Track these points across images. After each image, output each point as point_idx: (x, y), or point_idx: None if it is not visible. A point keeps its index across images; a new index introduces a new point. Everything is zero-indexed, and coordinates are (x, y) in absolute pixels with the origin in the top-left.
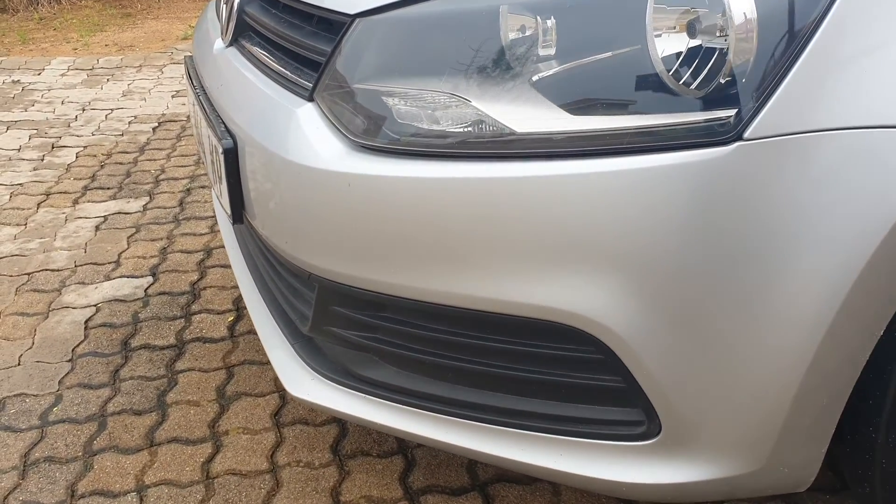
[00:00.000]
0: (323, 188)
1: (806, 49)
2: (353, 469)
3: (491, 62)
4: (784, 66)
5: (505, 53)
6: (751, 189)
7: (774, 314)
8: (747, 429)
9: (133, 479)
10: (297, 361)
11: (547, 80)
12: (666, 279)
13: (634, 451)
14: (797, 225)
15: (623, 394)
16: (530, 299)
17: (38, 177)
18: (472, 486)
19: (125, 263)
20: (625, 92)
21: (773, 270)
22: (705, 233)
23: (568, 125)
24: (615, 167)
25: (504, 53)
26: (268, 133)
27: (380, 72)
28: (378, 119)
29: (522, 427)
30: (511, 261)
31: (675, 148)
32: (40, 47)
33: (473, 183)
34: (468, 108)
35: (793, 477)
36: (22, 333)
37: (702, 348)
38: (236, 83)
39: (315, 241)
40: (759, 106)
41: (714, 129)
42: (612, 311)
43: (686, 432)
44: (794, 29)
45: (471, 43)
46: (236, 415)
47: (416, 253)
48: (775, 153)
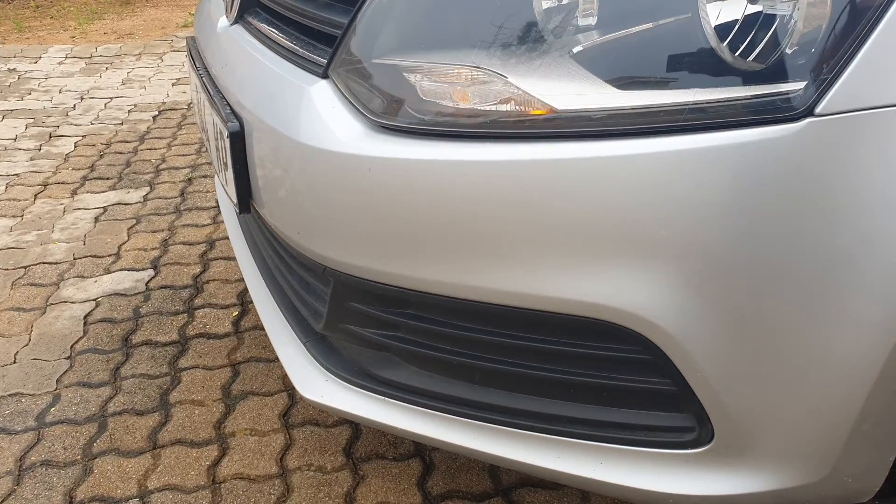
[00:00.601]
0: (340, 173)
1: (890, 8)
2: (368, 473)
3: (526, 33)
4: (864, 30)
5: (540, 23)
6: (823, 171)
7: (846, 312)
8: (811, 436)
9: (135, 484)
10: (310, 361)
11: (589, 53)
12: (723, 272)
13: (682, 460)
14: (876, 213)
15: (672, 397)
16: (570, 294)
17: (35, 167)
18: (496, 492)
19: (125, 256)
20: (677, 65)
21: (845, 264)
22: (768, 221)
23: (614, 101)
24: (665, 147)
25: (539, 23)
26: (278, 114)
27: (402, 45)
28: (400, 97)
29: (559, 433)
30: (549, 252)
31: (734, 126)
32: (37, 35)
33: (507, 166)
34: (501, 83)
35: (857, 487)
36: (18, 329)
37: (763, 348)
38: (243, 62)
39: (331, 232)
40: (833, 77)
41: (779, 104)
42: (662, 307)
43: (741, 440)
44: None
45: (503, 12)
46: (243, 415)
47: (443, 244)
48: (853, 130)
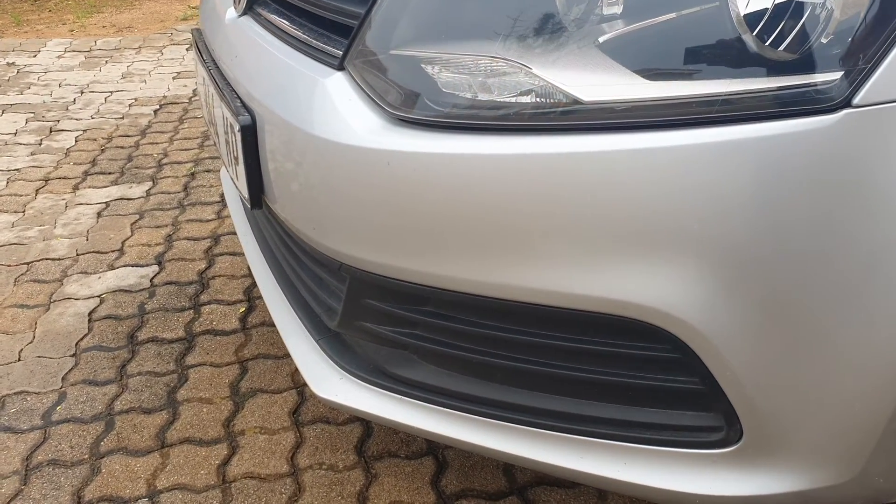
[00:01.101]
0: (357, 167)
1: None
2: (381, 472)
3: (548, 22)
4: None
5: (563, 12)
6: (862, 163)
7: (881, 308)
8: (842, 435)
9: (144, 484)
10: (323, 359)
11: (616, 42)
12: (755, 268)
13: (709, 460)
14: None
15: (700, 396)
16: (596, 291)
17: (36, 162)
18: (511, 490)
19: (129, 252)
20: (706, 54)
21: (881, 258)
22: (803, 214)
23: (643, 92)
24: (699, 139)
25: (562, 12)
26: (291, 107)
27: (421, 35)
28: (419, 89)
29: (583, 433)
30: (574, 247)
31: (766, 117)
32: (35, 29)
33: (531, 159)
34: (524, 74)
35: (887, 487)
36: (22, 327)
37: (794, 345)
38: (253, 54)
39: (347, 227)
40: (872, 66)
41: (813, 95)
42: (691, 304)
43: (771, 440)
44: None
45: (525, 0)
46: (252, 413)
47: (464, 240)
48: (891, 121)
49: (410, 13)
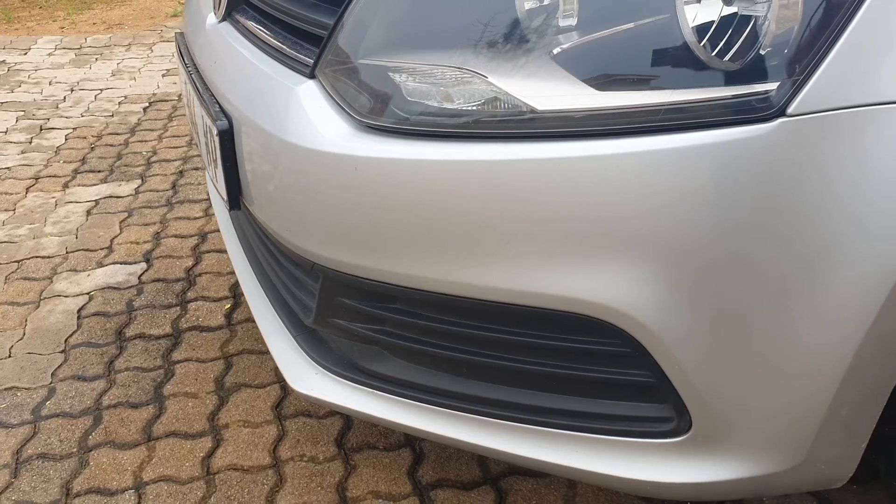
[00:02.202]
0: (327, 172)
1: (859, 11)
2: (360, 463)
3: (507, 34)
4: (834, 32)
5: (522, 24)
6: (795, 169)
7: (819, 303)
8: (785, 425)
9: (130, 476)
10: (301, 355)
11: (569, 53)
12: (700, 268)
13: (662, 449)
14: (847, 207)
15: (651, 389)
16: (552, 289)
17: (26, 160)
18: (484, 480)
19: (118, 249)
20: (655, 65)
21: (818, 257)
22: (743, 216)
23: (593, 102)
24: (644, 147)
25: (521, 24)
26: (266, 113)
27: (387, 46)
28: (386, 97)
29: (542, 424)
30: (531, 248)
31: (710, 126)
32: (26, 26)
33: (490, 165)
34: (483, 84)
35: (830, 473)
36: (12, 324)
37: (739, 341)
38: (231, 60)
39: (319, 229)
40: (804, 78)
41: (753, 104)
42: (641, 302)
43: (719, 429)
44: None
45: (486, 13)
46: (236, 407)
47: (428, 241)
48: (824, 130)
49: (377, 24)
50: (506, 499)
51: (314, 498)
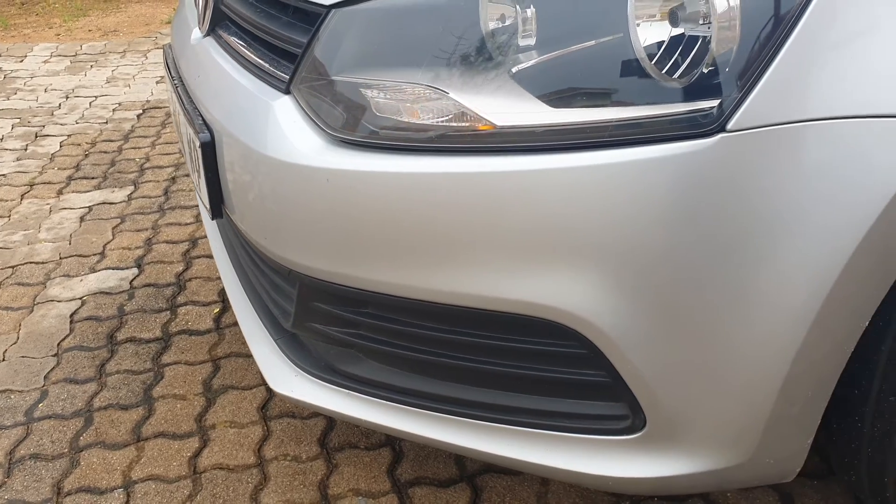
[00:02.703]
0: (301, 184)
1: (791, 36)
2: (341, 462)
3: (470, 53)
4: (768, 54)
5: (484, 44)
6: (735, 181)
7: (760, 307)
8: (734, 422)
9: (120, 475)
10: (281, 357)
11: (527, 72)
12: (649, 273)
13: (620, 446)
14: (783, 217)
15: (607, 388)
16: (512, 295)
17: (21, 167)
18: (461, 478)
19: (110, 255)
20: (606, 83)
21: (758, 263)
22: (689, 226)
23: (548, 118)
24: (597, 161)
25: (483, 44)
26: (245, 127)
27: (357, 63)
28: (356, 112)
29: (507, 422)
30: (492, 256)
31: (658, 140)
32: (22, 33)
33: (453, 178)
34: (447, 100)
35: (779, 468)
36: (6, 328)
37: (687, 342)
38: (214, 75)
39: (294, 238)
40: (742, 96)
41: (697, 120)
42: (595, 306)
43: (672, 426)
44: (778, 15)
45: (449, 34)
46: (223, 408)
47: (396, 249)
48: (760, 144)
49: (348, 42)
50: (481, 495)
51: (297, 496)
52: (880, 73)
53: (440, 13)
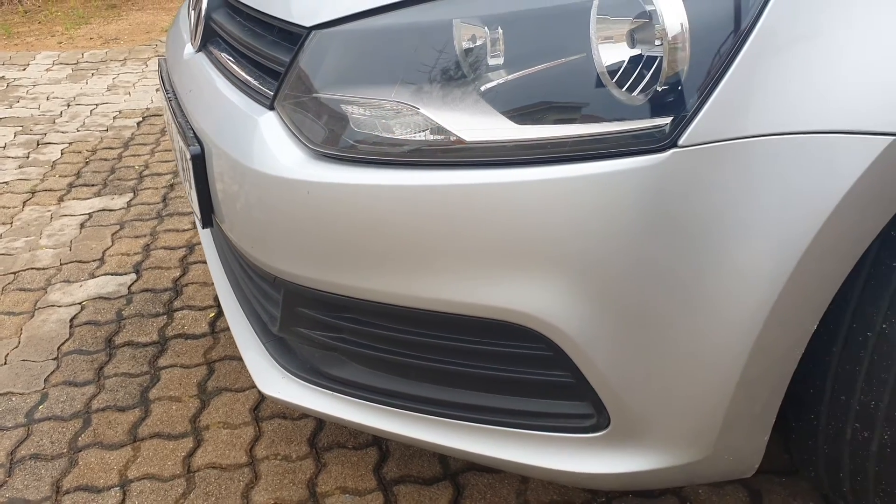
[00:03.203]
0: (284, 195)
1: (737, 58)
2: (329, 461)
3: (441, 73)
4: (716, 75)
5: (455, 63)
6: (687, 194)
7: (713, 313)
8: (692, 419)
9: (117, 475)
10: (269, 360)
11: (494, 90)
12: (610, 280)
13: (586, 443)
14: (733, 227)
15: (573, 389)
16: (483, 300)
17: (23, 175)
18: (444, 476)
19: (109, 261)
20: (569, 101)
21: (710, 272)
22: (646, 236)
23: (514, 134)
24: (560, 174)
25: (454, 63)
26: (232, 140)
27: (337, 82)
28: (336, 128)
29: (481, 422)
30: (464, 264)
31: (617, 155)
32: (25, 42)
33: (426, 190)
34: (420, 116)
35: (738, 464)
36: (8, 332)
37: (646, 344)
38: (204, 89)
39: (278, 246)
40: (692, 114)
41: (652, 136)
42: (560, 311)
43: (634, 424)
44: (724, 39)
45: (422, 54)
46: (217, 410)
47: (374, 257)
48: (709, 159)
49: (328, 62)
50: (463, 493)
51: (286, 493)
52: (820, 93)
53: (414, 34)
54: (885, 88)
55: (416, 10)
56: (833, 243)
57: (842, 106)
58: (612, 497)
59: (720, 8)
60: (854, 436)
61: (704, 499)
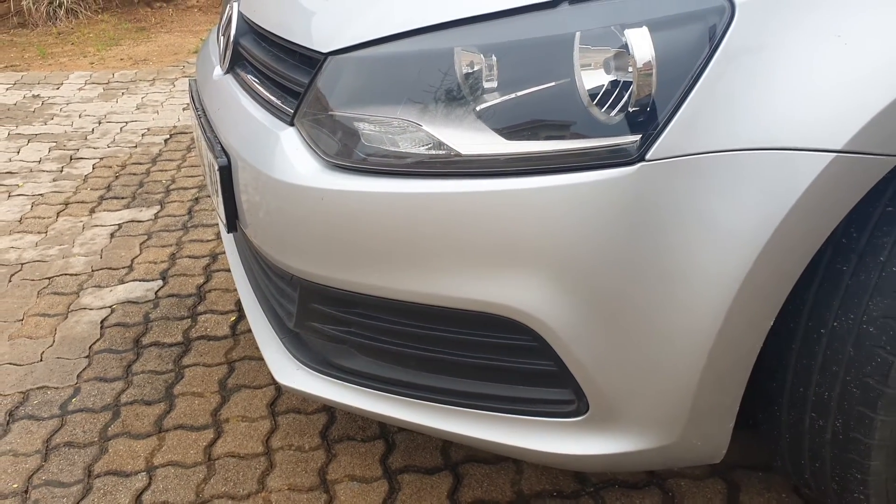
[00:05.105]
0: (301, 202)
1: (697, 84)
2: (339, 452)
3: (442, 94)
4: (679, 98)
5: (454, 87)
6: (654, 201)
7: (678, 308)
8: (663, 406)
9: (143, 461)
10: (285, 354)
11: (488, 110)
12: (587, 277)
13: (569, 427)
14: (694, 231)
15: (555, 376)
16: (476, 295)
17: (57, 187)
18: (445, 466)
19: (137, 268)
20: (553, 120)
21: (675, 272)
22: (619, 238)
23: (504, 149)
24: (544, 184)
25: (454, 86)
26: (256, 153)
27: (350, 101)
28: (349, 142)
29: (475, 407)
30: (459, 262)
31: (594, 167)
32: (59, 62)
33: (427, 197)
34: (422, 133)
35: (707, 449)
36: (44, 332)
37: (620, 336)
38: (232, 107)
39: (296, 247)
40: (658, 132)
41: (624, 151)
42: (544, 305)
43: (611, 409)
44: (687, 66)
45: (426, 78)
46: (236, 404)
47: (380, 256)
48: (672, 171)
49: (342, 84)
50: (462, 481)
51: (298, 480)
52: (770, 114)
53: (419, 60)
54: (827, 109)
55: (421, 38)
56: (784, 248)
57: (790, 125)
58: (600, 487)
59: (684, 42)
60: (811, 424)
61: (685, 490)
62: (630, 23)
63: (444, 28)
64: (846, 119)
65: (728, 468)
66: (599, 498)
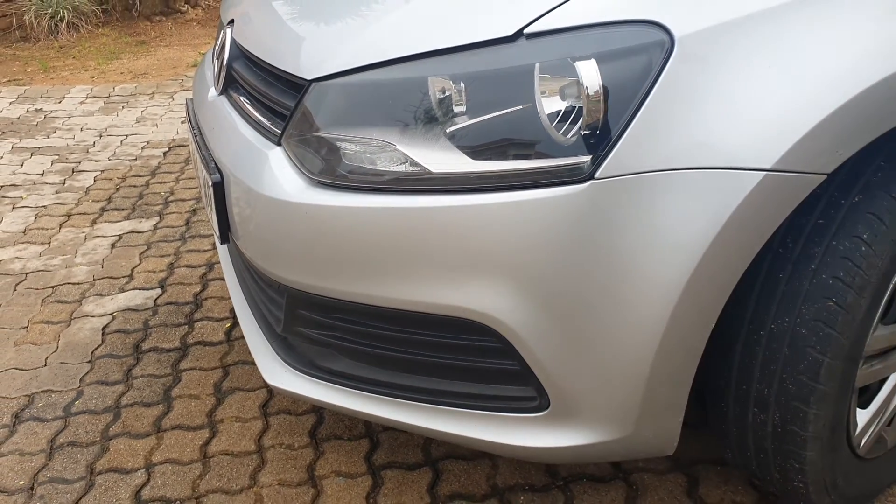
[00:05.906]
0: (287, 216)
1: (640, 112)
2: (327, 450)
3: (415, 118)
4: (624, 122)
5: (427, 111)
6: (604, 214)
7: (627, 312)
8: (615, 401)
9: (143, 459)
10: (274, 357)
11: (456, 132)
12: (545, 284)
13: (532, 422)
14: (641, 241)
15: (519, 375)
16: (445, 300)
17: (59, 199)
18: (426, 462)
19: (137, 277)
20: (514, 140)
21: (623, 278)
22: (572, 248)
23: (470, 167)
24: (505, 199)
25: (426, 111)
26: (247, 170)
27: (332, 123)
28: (331, 160)
29: (447, 404)
30: (432, 271)
31: (550, 184)
32: (60, 76)
33: (401, 211)
34: (398, 152)
35: (659, 442)
36: (47, 339)
37: (575, 338)
38: (225, 127)
39: (283, 258)
40: (606, 153)
41: (577, 169)
42: (507, 309)
43: (569, 405)
44: (632, 93)
45: (401, 102)
46: (230, 406)
47: (359, 265)
48: (619, 188)
49: (325, 108)
50: (441, 476)
51: (288, 476)
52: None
53: (394, 87)
54: (758, 131)
55: (397, 67)
56: (721, 258)
57: (724, 146)
58: (569, 480)
59: (628, 72)
60: (754, 419)
61: (648, 483)
62: (580, 55)
63: (419, 58)
64: (775, 140)
65: (689, 463)
66: (568, 490)
